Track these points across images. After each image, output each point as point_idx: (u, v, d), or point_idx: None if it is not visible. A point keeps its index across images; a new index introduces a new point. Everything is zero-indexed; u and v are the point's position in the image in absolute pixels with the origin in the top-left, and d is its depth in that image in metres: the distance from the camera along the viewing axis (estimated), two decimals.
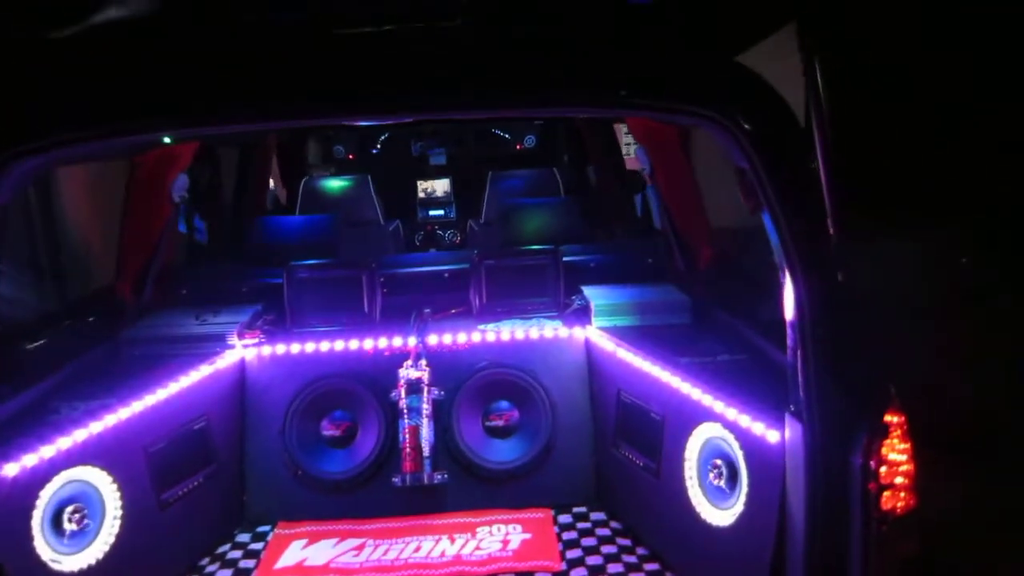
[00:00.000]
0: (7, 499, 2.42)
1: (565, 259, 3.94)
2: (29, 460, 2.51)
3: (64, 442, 2.63)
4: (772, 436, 2.44)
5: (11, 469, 2.45)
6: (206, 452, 3.26)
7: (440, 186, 6.73)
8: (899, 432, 2.20)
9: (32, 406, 2.81)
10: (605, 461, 3.47)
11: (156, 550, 2.94)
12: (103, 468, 2.76)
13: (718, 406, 2.71)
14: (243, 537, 3.32)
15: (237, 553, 3.21)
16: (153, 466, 2.97)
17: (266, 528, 3.37)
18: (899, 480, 2.18)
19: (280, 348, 3.55)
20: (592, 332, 3.57)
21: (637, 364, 3.20)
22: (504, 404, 3.57)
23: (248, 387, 3.52)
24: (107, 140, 2.25)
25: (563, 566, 3.03)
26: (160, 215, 3.74)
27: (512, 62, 2.35)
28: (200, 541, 3.22)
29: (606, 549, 3.14)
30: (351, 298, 3.72)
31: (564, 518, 3.38)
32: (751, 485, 2.57)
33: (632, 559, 3.07)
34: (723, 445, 2.72)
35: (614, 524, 3.32)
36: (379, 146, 7.00)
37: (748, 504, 2.58)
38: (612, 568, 3.01)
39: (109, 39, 2.07)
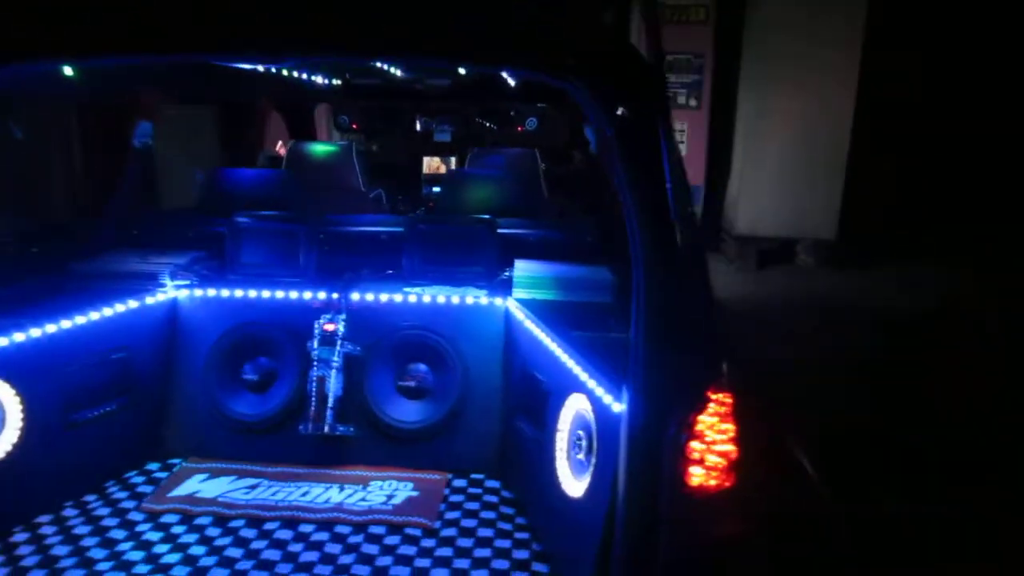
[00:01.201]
0: None
1: (509, 232, 3.94)
2: None
3: None
4: (617, 408, 2.41)
5: None
6: (123, 382, 3.41)
7: (444, 163, 6.83)
8: (722, 410, 2.15)
9: None
10: (508, 431, 3.47)
11: (57, 467, 3.11)
12: (5, 381, 2.94)
13: (583, 377, 2.69)
14: (153, 466, 3.47)
15: (142, 479, 3.37)
16: (61, 387, 3.14)
17: (177, 461, 3.52)
18: (713, 459, 2.13)
19: (211, 292, 3.69)
20: (512, 304, 3.57)
21: (536, 335, 3.20)
22: (419, 366, 3.61)
23: (179, 327, 3.67)
24: None
25: (436, 524, 3.06)
26: (119, 159, 3.94)
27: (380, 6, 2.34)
28: (109, 466, 3.38)
29: (486, 515, 3.15)
30: (288, 251, 3.83)
31: (459, 482, 3.41)
32: (598, 456, 2.55)
33: (507, 526, 3.07)
34: (586, 416, 2.70)
35: (505, 494, 3.33)
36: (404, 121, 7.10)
37: (594, 475, 2.55)
38: (482, 532, 3.02)
39: None
